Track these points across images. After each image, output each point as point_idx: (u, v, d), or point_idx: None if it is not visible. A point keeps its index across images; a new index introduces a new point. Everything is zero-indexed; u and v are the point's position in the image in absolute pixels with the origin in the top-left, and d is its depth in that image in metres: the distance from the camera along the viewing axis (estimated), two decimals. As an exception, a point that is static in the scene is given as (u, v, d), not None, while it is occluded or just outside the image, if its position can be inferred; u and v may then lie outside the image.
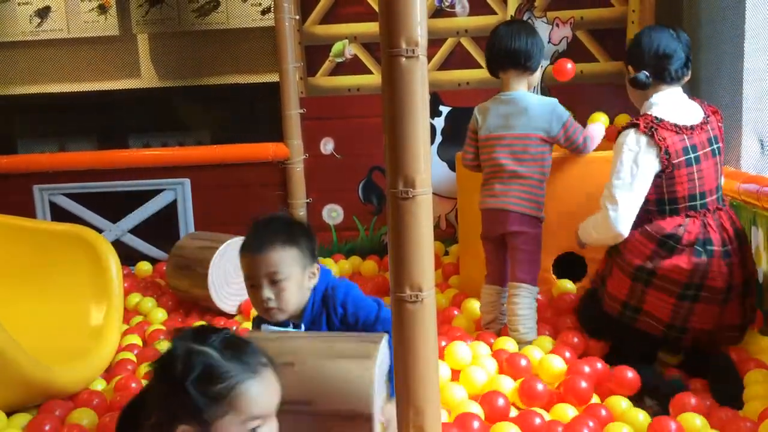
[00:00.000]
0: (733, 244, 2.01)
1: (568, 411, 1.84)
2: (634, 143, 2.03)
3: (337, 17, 3.52)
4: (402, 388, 1.36)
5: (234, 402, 1.12)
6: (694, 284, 1.96)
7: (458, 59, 3.51)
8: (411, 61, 1.26)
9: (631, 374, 1.93)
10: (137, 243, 3.64)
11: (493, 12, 3.46)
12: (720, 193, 2.08)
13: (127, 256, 3.36)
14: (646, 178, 2.02)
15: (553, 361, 2.05)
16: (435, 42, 3.46)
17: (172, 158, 3.58)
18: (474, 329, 2.50)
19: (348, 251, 3.61)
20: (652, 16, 3.33)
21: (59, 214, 3.57)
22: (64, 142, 4.21)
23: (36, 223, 2.83)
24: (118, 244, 3.39)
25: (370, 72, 3.55)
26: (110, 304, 2.42)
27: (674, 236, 2.00)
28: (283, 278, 1.63)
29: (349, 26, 3.52)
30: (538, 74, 2.43)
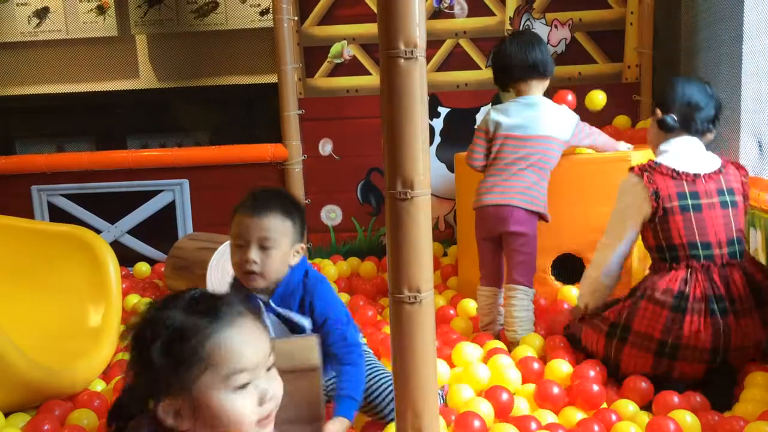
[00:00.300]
0: (745, 304, 1.91)
1: (576, 415, 1.83)
2: (627, 185, 2.05)
3: (336, 18, 3.52)
4: (400, 390, 1.36)
5: (210, 358, 0.99)
6: (669, 342, 1.90)
7: (457, 60, 3.51)
8: (410, 62, 1.26)
9: (645, 384, 1.92)
10: (136, 244, 3.64)
11: (491, 13, 3.46)
12: (736, 248, 1.97)
13: (126, 257, 3.36)
14: (634, 220, 2.01)
15: (560, 365, 2.04)
16: (434, 43, 3.46)
17: (171, 159, 3.58)
18: (471, 330, 2.50)
19: (346, 252, 3.61)
20: (651, 18, 3.34)
21: (57, 214, 3.57)
22: (62, 142, 4.21)
23: (34, 223, 2.82)
24: (116, 245, 3.38)
25: (368, 73, 3.55)
26: (108, 305, 2.41)
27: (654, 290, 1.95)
28: (272, 245, 1.64)
29: (347, 27, 3.52)
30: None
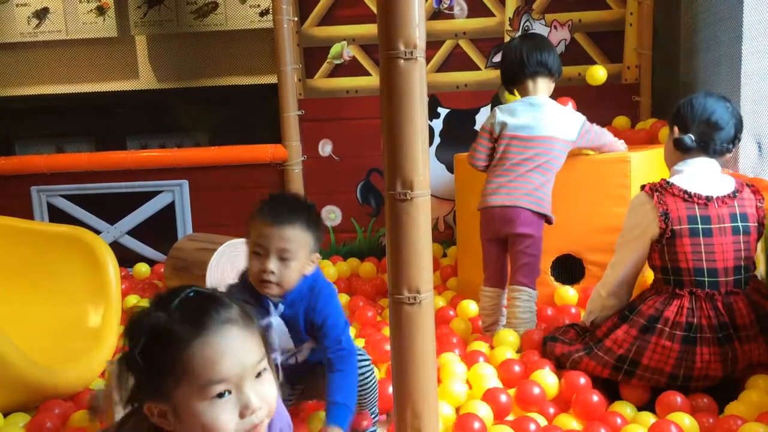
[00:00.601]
0: (749, 331, 1.87)
1: (572, 423, 1.82)
2: (636, 202, 2.01)
3: (336, 19, 3.52)
4: (400, 391, 1.36)
5: (186, 368, 0.96)
6: (680, 375, 1.87)
7: (457, 61, 3.51)
8: (409, 63, 1.26)
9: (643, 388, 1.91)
10: (135, 244, 3.64)
11: (491, 14, 3.46)
12: (741, 276, 1.91)
13: (125, 258, 3.36)
14: (643, 240, 1.96)
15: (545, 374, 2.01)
16: (433, 44, 3.47)
17: (171, 160, 3.58)
18: (471, 331, 2.50)
19: (346, 253, 3.61)
20: (650, 19, 3.35)
21: (57, 215, 3.57)
22: (62, 143, 4.20)
23: (34, 224, 2.82)
24: (116, 246, 3.38)
25: (368, 74, 3.55)
26: (108, 306, 2.41)
27: (657, 318, 1.89)
28: (291, 257, 1.63)
29: (347, 28, 3.52)
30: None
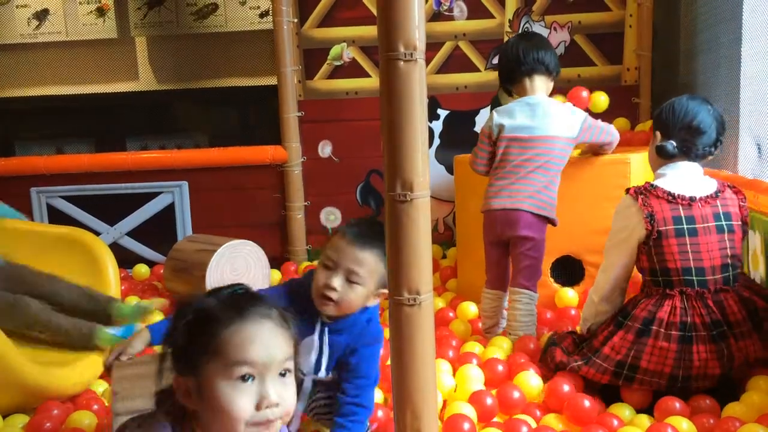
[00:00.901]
0: (743, 327, 1.88)
1: (558, 426, 1.82)
2: (622, 205, 2.02)
3: (336, 21, 3.52)
4: (399, 392, 1.36)
5: (218, 347, 1.04)
6: (680, 376, 1.87)
7: (456, 63, 3.52)
8: (409, 65, 1.26)
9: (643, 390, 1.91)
10: (135, 246, 3.64)
11: (491, 16, 3.47)
12: (729, 273, 1.92)
13: (125, 259, 3.35)
14: (630, 242, 1.97)
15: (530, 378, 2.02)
16: (433, 45, 3.47)
17: (170, 161, 3.58)
18: (470, 332, 2.50)
19: (346, 254, 3.60)
20: (650, 20, 3.35)
21: (57, 216, 3.57)
22: (61, 144, 4.21)
23: (33, 225, 2.83)
24: (115, 247, 3.37)
25: (368, 75, 3.55)
26: (108, 307, 2.41)
27: (651, 320, 1.89)
28: (359, 281, 1.61)
29: (347, 29, 3.52)
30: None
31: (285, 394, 1.07)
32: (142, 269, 3.51)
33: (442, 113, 3.55)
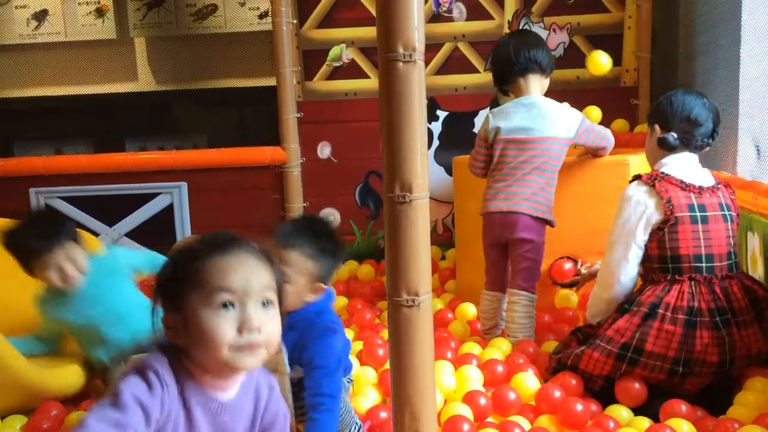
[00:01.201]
0: (746, 315, 1.91)
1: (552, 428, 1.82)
2: (634, 192, 2.00)
3: (335, 22, 3.52)
4: (398, 393, 1.36)
5: (199, 277, 1.08)
6: (682, 359, 1.88)
7: (455, 64, 3.52)
8: (408, 66, 1.27)
9: (638, 385, 1.91)
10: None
11: (490, 17, 3.47)
12: (732, 261, 1.98)
13: (124, 260, 3.35)
14: (643, 229, 1.98)
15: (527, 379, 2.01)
16: (432, 47, 3.47)
17: (169, 162, 3.57)
18: (469, 334, 2.50)
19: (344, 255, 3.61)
20: (649, 22, 3.35)
21: (56, 217, 3.57)
22: (60, 145, 4.21)
23: (32, 226, 2.82)
24: (114, 248, 3.38)
25: (367, 76, 3.55)
26: (106, 308, 2.40)
27: (657, 305, 1.91)
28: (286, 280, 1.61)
29: (346, 30, 3.52)
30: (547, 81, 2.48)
31: (267, 322, 1.09)
32: (141, 270, 3.51)
33: (441, 114, 3.55)
